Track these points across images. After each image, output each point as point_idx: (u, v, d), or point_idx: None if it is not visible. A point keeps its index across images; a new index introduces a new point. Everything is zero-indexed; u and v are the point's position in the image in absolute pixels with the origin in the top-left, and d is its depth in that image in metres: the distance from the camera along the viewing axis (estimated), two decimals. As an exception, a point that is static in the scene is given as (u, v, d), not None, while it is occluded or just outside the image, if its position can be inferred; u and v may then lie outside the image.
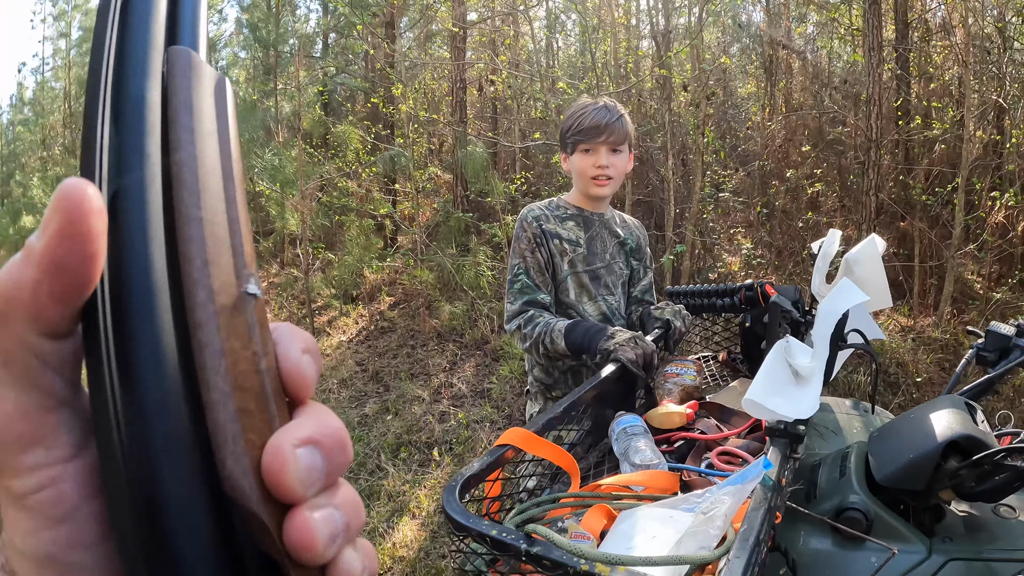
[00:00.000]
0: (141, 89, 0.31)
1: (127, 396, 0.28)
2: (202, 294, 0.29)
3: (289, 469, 0.29)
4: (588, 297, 2.22)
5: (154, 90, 0.31)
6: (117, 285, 0.29)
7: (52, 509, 0.29)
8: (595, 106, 2.15)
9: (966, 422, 1.26)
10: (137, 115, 0.30)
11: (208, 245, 0.30)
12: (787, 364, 1.28)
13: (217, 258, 0.30)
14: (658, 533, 0.97)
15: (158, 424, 0.28)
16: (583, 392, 1.52)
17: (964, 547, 1.23)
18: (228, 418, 0.29)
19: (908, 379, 5.24)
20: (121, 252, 0.29)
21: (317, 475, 0.30)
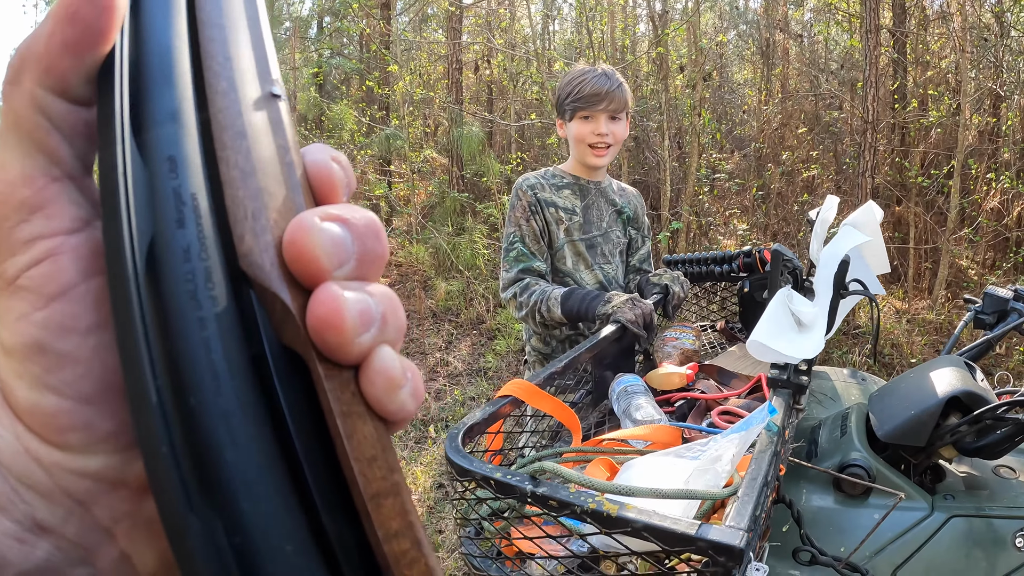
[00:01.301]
0: None
1: (139, 147, 0.26)
2: (223, 84, 0.27)
3: (313, 238, 0.26)
4: (585, 265, 2.21)
5: None
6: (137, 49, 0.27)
7: (47, 285, 0.27)
8: (594, 72, 2.13)
9: (967, 379, 1.27)
10: None
11: (230, 45, 0.28)
12: (789, 311, 1.28)
13: (238, 57, 0.28)
14: (663, 478, 0.97)
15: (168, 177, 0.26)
16: (583, 350, 1.51)
17: (966, 504, 1.24)
18: (248, 194, 0.26)
19: (903, 360, 5.26)
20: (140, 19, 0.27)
21: (345, 252, 0.27)
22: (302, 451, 0.26)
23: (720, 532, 0.73)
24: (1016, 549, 1.19)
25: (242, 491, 0.24)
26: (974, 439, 1.23)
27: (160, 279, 0.24)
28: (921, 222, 6.57)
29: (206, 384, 0.24)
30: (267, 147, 0.27)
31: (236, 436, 0.24)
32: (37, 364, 0.27)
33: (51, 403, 0.27)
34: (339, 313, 0.25)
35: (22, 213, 0.27)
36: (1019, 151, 6.42)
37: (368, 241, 0.28)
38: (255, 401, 0.25)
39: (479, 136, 8.27)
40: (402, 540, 0.27)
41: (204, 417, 0.24)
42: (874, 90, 6.39)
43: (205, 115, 0.27)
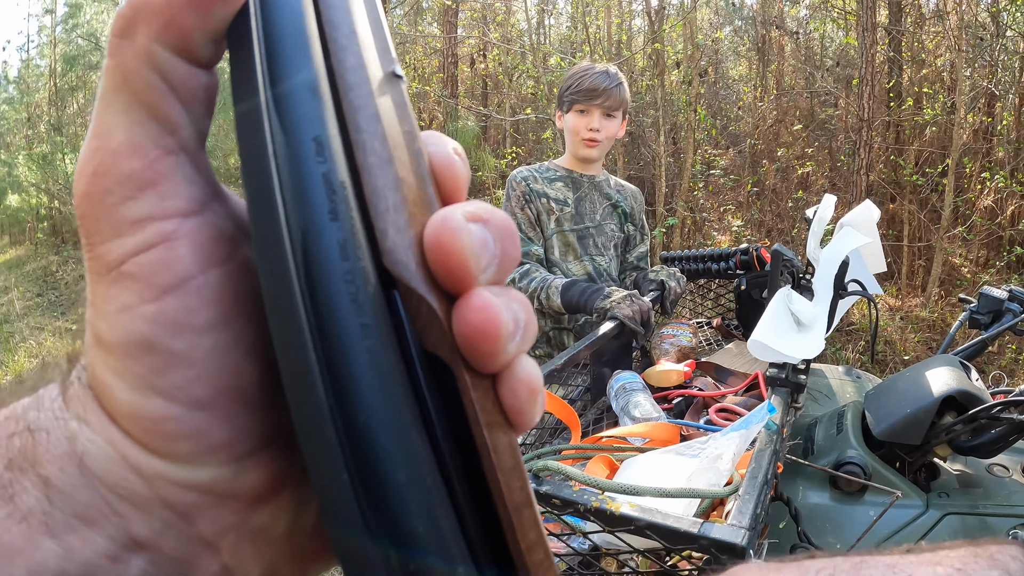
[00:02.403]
0: None
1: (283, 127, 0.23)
2: (352, 59, 0.25)
3: (463, 239, 0.23)
4: (574, 256, 2.25)
5: None
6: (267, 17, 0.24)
7: (160, 274, 0.24)
8: (597, 70, 2.18)
9: (962, 378, 1.28)
10: None
11: (353, 16, 0.26)
12: (789, 311, 1.29)
13: (364, 36, 0.26)
14: (664, 476, 0.98)
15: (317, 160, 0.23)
16: (581, 347, 1.52)
17: (960, 502, 1.25)
18: (388, 184, 0.24)
19: (896, 357, 5.28)
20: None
21: (490, 257, 0.24)
22: (453, 463, 0.24)
23: (723, 530, 0.74)
24: (1009, 547, 1.21)
25: (417, 513, 0.22)
26: (969, 438, 1.24)
27: (319, 280, 0.22)
28: (915, 220, 6.59)
29: (375, 400, 0.22)
30: (398, 133, 0.26)
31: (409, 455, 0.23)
32: (143, 363, 0.23)
33: (158, 408, 0.24)
34: (496, 321, 0.23)
35: (129, 188, 0.24)
36: (1013, 150, 6.44)
37: (507, 244, 0.25)
38: (416, 414, 0.23)
39: (474, 130, 8.27)
40: (538, 550, 0.25)
41: (376, 436, 0.22)
42: (869, 88, 6.40)
43: (336, 92, 0.24)
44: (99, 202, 0.24)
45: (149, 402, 0.23)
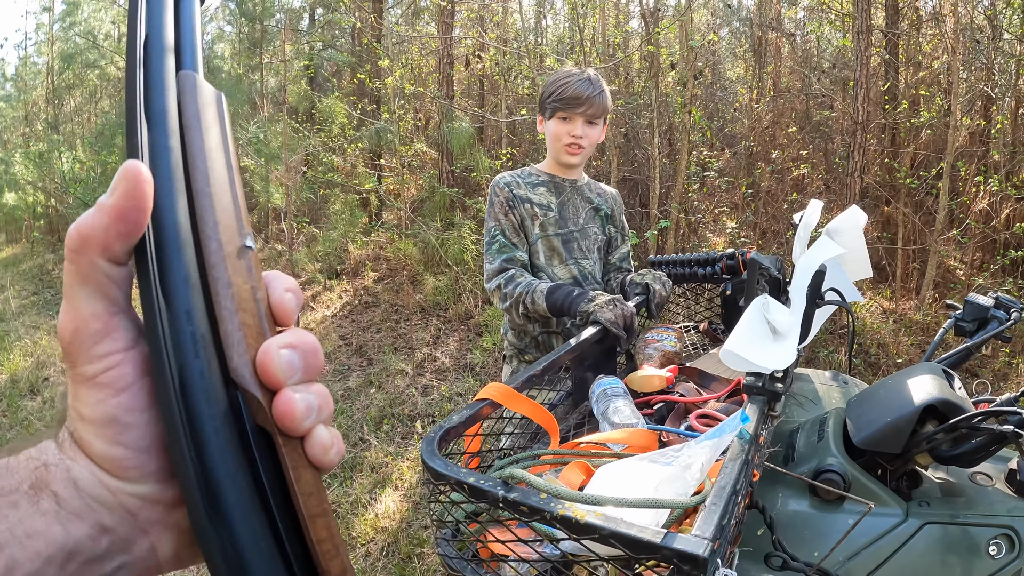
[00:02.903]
0: (163, 103, 0.44)
1: (168, 306, 0.41)
2: (214, 245, 0.43)
3: (274, 362, 0.42)
4: (559, 260, 2.25)
5: (172, 103, 0.44)
6: (158, 233, 0.42)
7: (116, 383, 0.42)
8: (579, 76, 2.18)
9: (943, 387, 1.27)
10: (162, 121, 0.44)
11: (216, 212, 0.44)
12: (765, 320, 1.29)
13: (223, 220, 0.44)
14: (635, 483, 0.97)
15: (188, 327, 0.41)
16: (563, 352, 1.52)
17: (941, 511, 1.24)
18: (234, 328, 0.42)
19: (889, 360, 5.29)
20: (159, 213, 0.42)
21: (295, 369, 0.43)
22: (270, 490, 0.42)
23: (685, 541, 0.73)
24: (990, 556, 1.20)
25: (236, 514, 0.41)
26: (950, 447, 1.23)
27: (188, 392, 0.40)
28: (910, 223, 6.59)
29: (217, 454, 0.41)
30: (244, 288, 0.44)
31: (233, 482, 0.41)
32: (111, 429, 0.42)
33: (119, 453, 0.43)
34: (292, 410, 0.42)
35: (96, 338, 0.42)
36: (1008, 153, 6.45)
37: (310, 358, 0.45)
38: (242, 460, 0.42)
39: (469, 131, 8.26)
40: (327, 544, 0.44)
41: (215, 472, 0.40)
42: (864, 91, 6.40)
43: (203, 269, 0.42)
44: (79, 346, 0.42)
45: (113, 450, 0.43)
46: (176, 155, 0.43)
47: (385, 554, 3.45)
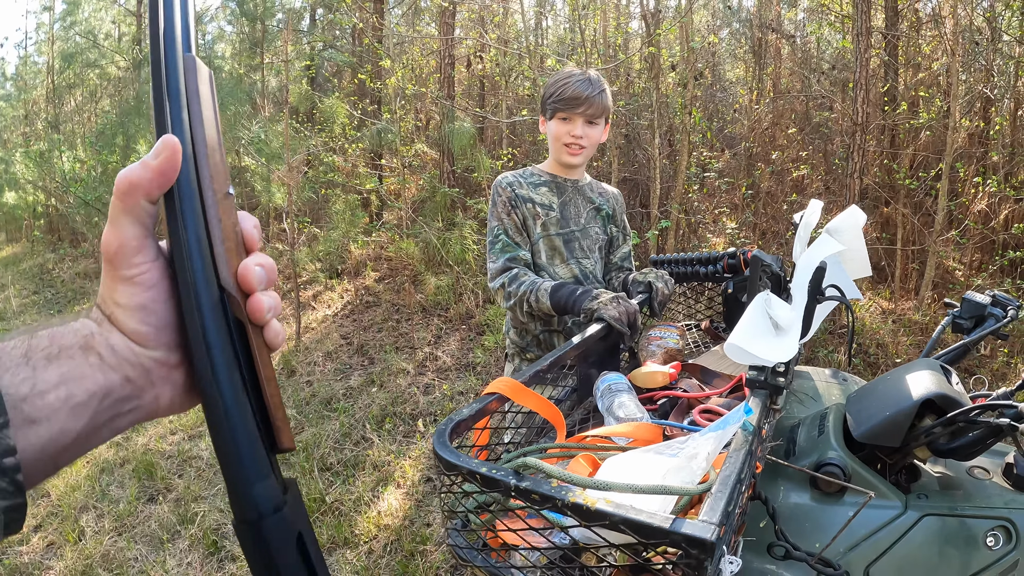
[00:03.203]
0: (177, 84, 0.59)
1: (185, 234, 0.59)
2: (209, 192, 0.60)
3: (251, 273, 0.62)
4: (560, 259, 2.28)
5: (183, 83, 0.60)
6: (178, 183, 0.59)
7: (146, 282, 0.60)
8: (579, 77, 2.20)
9: (941, 382, 1.30)
10: (178, 98, 0.60)
11: (211, 167, 0.61)
12: (767, 315, 1.32)
13: (215, 173, 0.61)
14: (643, 473, 1.00)
15: (197, 248, 0.59)
16: (569, 348, 1.54)
17: (939, 504, 1.27)
18: (222, 251, 0.60)
19: (888, 360, 5.31)
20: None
21: (263, 279, 0.63)
22: (243, 361, 0.60)
23: (693, 526, 0.76)
24: (987, 548, 1.23)
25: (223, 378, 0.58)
26: (947, 441, 1.26)
27: (198, 294, 0.59)
28: (909, 223, 6.62)
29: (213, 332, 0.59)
30: (228, 223, 0.62)
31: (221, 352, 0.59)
32: (141, 313, 0.60)
33: (145, 329, 0.60)
34: (259, 307, 0.62)
35: (134, 252, 0.59)
36: (1007, 154, 6.47)
37: (271, 273, 0.64)
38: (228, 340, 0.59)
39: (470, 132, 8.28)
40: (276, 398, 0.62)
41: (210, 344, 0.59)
42: (864, 92, 6.42)
43: (203, 209, 0.60)
44: (121, 257, 0.59)
45: (141, 327, 0.60)
46: (187, 125, 0.60)
47: (388, 551, 3.48)
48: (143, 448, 4.74)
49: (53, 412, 0.55)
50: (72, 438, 0.57)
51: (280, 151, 7.55)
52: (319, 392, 5.57)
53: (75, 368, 0.57)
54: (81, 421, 0.57)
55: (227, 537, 3.66)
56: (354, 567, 3.35)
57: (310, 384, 5.78)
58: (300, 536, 0.61)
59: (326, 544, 3.57)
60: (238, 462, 0.58)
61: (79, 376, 0.57)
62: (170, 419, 5.11)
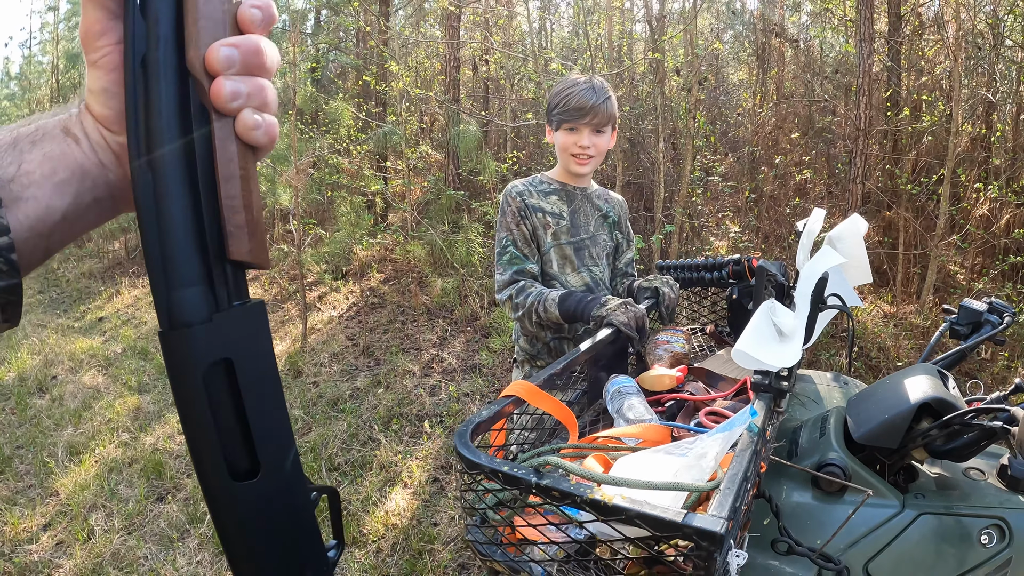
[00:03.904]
0: None
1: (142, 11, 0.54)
2: None
3: (214, 54, 0.56)
4: (571, 268, 2.29)
5: None
6: None
7: (107, 65, 0.60)
8: (583, 86, 2.19)
9: (938, 386, 1.35)
10: None
11: None
12: (772, 323, 1.37)
13: None
14: (654, 472, 1.06)
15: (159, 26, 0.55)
16: (580, 352, 1.60)
17: (935, 503, 1.32)
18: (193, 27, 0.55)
19: (889, 363, 5.35)
20: None
21: (232, 62, 0.56)
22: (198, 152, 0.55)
23: (703, 519, 0.82)
24: (982, 545, 1.28)
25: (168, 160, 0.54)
26: (943, 443, 1.31)
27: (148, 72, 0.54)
28: (911, 228, 6.65)
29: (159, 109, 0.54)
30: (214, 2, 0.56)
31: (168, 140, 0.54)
32: (104, 96, 0.61)
33: (108, 113, 0.61)
34: (220, 90, 0.56)
35: (97, 36, 0.59)
36: (1009, 159, 6.51)
37: (249, 56, 0.58)
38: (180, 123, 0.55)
39: (476, 135, 8.31)
40: (234, 200, 0.56)
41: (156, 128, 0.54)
42: (867, 97, 6.47)
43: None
44: (87, 41, 0.59)
45: (105, 111, 0.61)
46: None
47: (396, 550, 3.52)
48: (151, 447, 4.78)
49: (39, 189, 0.58)
50: (59, 217, 0.60)
51: (286, 153, 7.60)
52: (326, 393, 5.62)
53: (56, 148, 0.61)
54: (66, 199, 0.60)
55: (237, 536, 3.68)
56: (363, 566, 3.39)
57: (316, 385, 5.83)
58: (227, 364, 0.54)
59: (334, 542, 3.58)
60: (160, 261, 0.53)
61: (60, 155, 0.60)
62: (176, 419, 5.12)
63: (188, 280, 0.53)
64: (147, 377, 6.19)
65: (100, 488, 4.31)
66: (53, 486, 4.32)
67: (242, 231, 0.56)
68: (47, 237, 0.59)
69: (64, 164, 0.60)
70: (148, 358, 6.68)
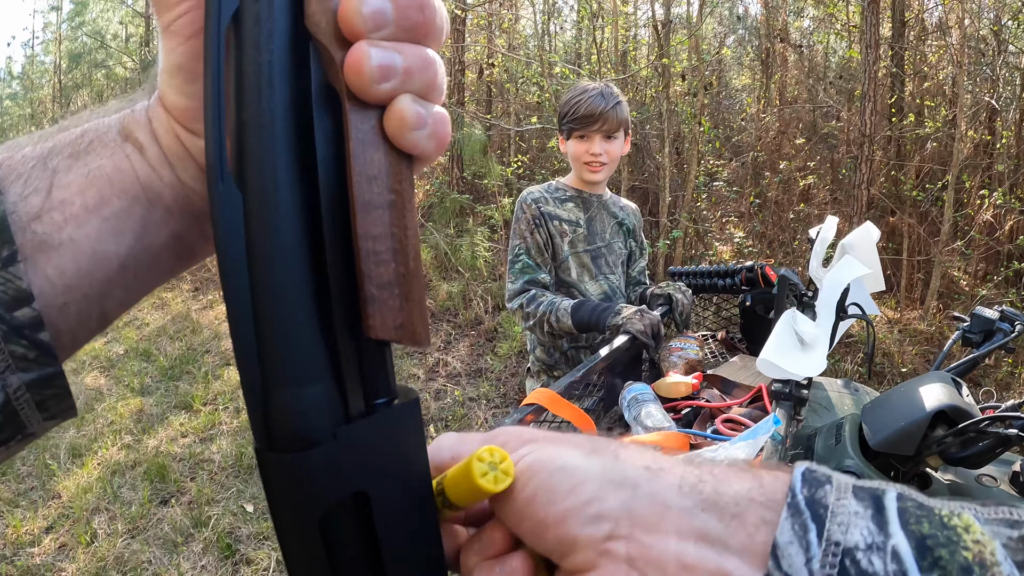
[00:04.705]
0: None
1: None
2: None
3: (355, 4, 0.34)
4: (589, 276, 2.29)
5: None
6: None
7: (185, 30, 0.40)
8: (591, 93, 2.19)
9: (953, 394, 1.36)
10: None
11: None
12: (794, 331, 1.39)
13: None
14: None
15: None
16: (598, 360, 1.61)
17: (948, 510, 1.33)
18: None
19: (894, 369, 5.35)
20: None
21: (383, 19, 0.35)
22: (321, 165, 0.34)
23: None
24: (995, 552, 1.29)
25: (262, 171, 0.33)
26: (959, 450, 1.32)
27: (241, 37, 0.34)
28: (915, 234, 6.65)
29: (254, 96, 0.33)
30: None
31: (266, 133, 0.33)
32: (179, 78, 0.42)
33: (187, 103, 0.42)
34: (360, 63, 0.34)
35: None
36: (1013, 166, 6.51)
37: (410, 12, 0.36)
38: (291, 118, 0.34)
39: (482, 139, 8.31)
40: (379, 243, 0.34)
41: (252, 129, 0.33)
42: (872, 104, 6.47)
43: None
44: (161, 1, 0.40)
45: (182, 100, 0.42)
46: None
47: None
48: (154, 450, 4.76)
49: (80, 227, 0.39)
50: (115, 267, 0.40)
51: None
52: (330, 395, 5.57)
53: (108, 162, 0.41)
54: (125, 240, 0.41)
55: (241, 541, 3.67)
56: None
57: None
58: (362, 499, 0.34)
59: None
60: (253, 340, 0.32)
61: (113, 173, 0.41)
62: (180, 422, 5.12)
63: (300, 374, 0.33)
64: (150, 379, 6.16)
65: (103, 491, 4.28)
66: (55, 488, 4.29)
67: (390, 293, 0.35)
68: (100, 299, 0.41)
69: (120, 187, 0.41)
70: (151, 360, 6.66)
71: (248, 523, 3.77)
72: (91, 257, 0.39)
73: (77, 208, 0.39)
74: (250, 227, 0.32)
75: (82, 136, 0.42)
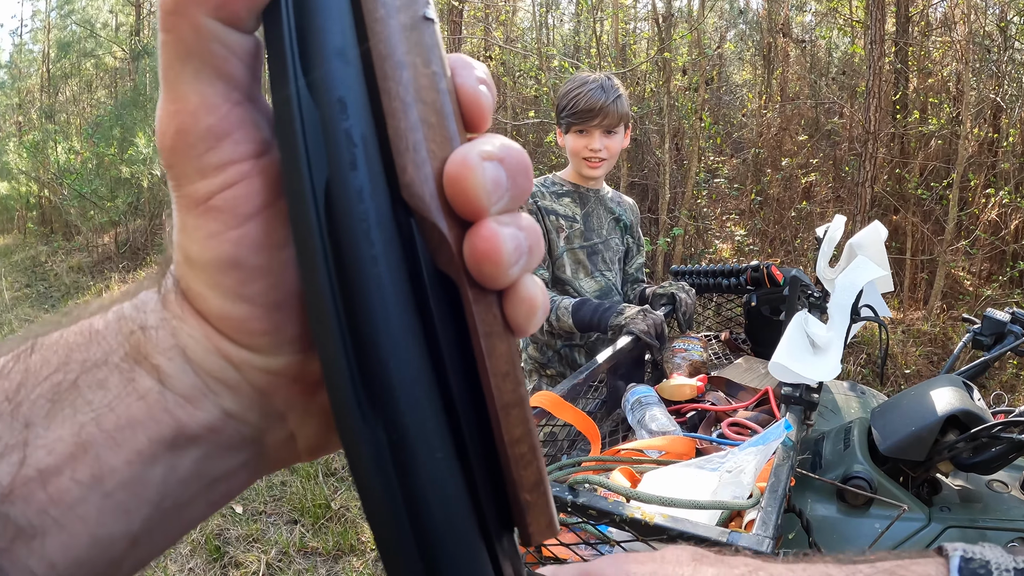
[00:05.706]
0: None
1: (312, 91, 0.27)
2: (381, 11, 0.27)
3: (475, 177, 0.27)
4: (585, 273, 2.24)
5: None
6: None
7: (241, 207, 0.29)
8: (591, 86, 2.12)
9: (964, 398, 1.34)
10: None
11: None
12: (806, 334, 1.36)
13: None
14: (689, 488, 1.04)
15: (342, 121, 0.27)
16: (602, 361, 1.58)
17: (961, 516, 1.31)
18: (409, 126, 0.27)
19: (897, 371, 5.32)
20: None
21: (502, 191, 0.28)
22: (449, 366, 0.28)
23: (749, 539, 0.81)
24: (1007, 559, 1.27)
25: (403, 403, 0.27)
26: (970, 455, 1.30)
27: (338, 219, 0.26)
28: (918, 232, 6.63)
29: (377, 313, 0.26)
30: (424, 75, 0.28)
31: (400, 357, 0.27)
32: (231, 277, 0.29)
33: (243, 311, 0.30)
34: (498, 249, 0.27)
35: (209, 140, 0.28)
36: (1018, 164, 6.48)
37: (520, 179, 0.29)
38: (414, 324, 0.27)
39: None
40: (522, 445, 0.30)
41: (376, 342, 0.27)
42: (876, 100, 6.44)
43: (366, 45, 0.27)
44: (184, 154, 0.28)
45: (236, 307, 0.30)
46: None
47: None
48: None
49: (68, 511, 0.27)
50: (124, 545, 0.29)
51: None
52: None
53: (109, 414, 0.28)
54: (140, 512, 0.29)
55: (230, 543, 3.62)
56: (361, 575, 3.35)
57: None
58: None
59: (331, 552, 3.51)
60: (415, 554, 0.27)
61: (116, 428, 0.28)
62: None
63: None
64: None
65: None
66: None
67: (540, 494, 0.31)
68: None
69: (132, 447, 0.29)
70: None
71: (237, 525, 3.72)
72: (90, 545, 0.28)
73: (66, 483, 0.27)
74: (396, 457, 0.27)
75: (65, 362, 0.29)
